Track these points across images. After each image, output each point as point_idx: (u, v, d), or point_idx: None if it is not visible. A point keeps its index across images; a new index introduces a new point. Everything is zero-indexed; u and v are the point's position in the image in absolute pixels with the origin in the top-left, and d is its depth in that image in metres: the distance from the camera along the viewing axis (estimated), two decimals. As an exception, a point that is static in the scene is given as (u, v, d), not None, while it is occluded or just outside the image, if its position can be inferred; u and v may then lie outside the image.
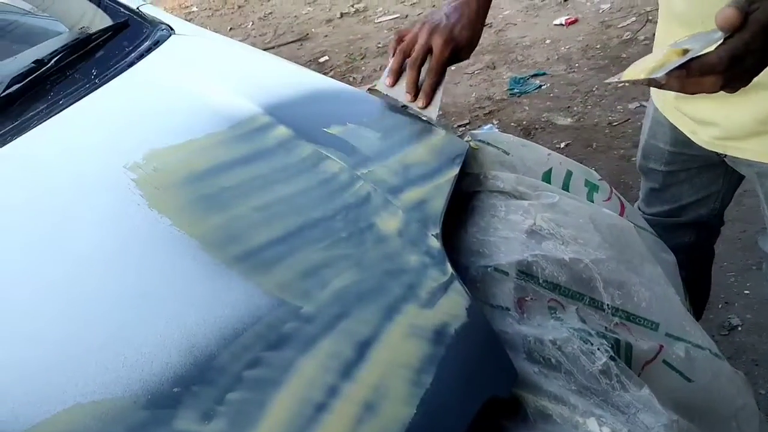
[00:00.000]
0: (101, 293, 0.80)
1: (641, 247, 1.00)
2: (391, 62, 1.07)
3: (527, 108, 3.04)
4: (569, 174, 1.10)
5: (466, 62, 1.13)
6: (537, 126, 2.89)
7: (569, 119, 2.89)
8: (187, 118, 1.08)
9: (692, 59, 0.66)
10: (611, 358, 0.82)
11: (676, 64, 0.66)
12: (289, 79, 1.16)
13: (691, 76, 0.67)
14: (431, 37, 1.03)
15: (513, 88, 3.19)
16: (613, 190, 1.13)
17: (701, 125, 1.05)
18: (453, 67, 1.09)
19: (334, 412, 0.67)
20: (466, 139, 1.04)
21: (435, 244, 0.84)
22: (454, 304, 0.78)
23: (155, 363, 0.71)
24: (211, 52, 1.30)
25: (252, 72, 1.21)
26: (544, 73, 3.25)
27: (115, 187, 0.95)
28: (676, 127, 1.13)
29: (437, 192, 0.91)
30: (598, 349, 0.83)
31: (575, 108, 2.95)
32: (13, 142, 1.08)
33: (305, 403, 0.67)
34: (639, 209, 1.34)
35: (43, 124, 1.12)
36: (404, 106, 1.10)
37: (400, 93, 1.07)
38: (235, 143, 1.02)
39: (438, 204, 0.89)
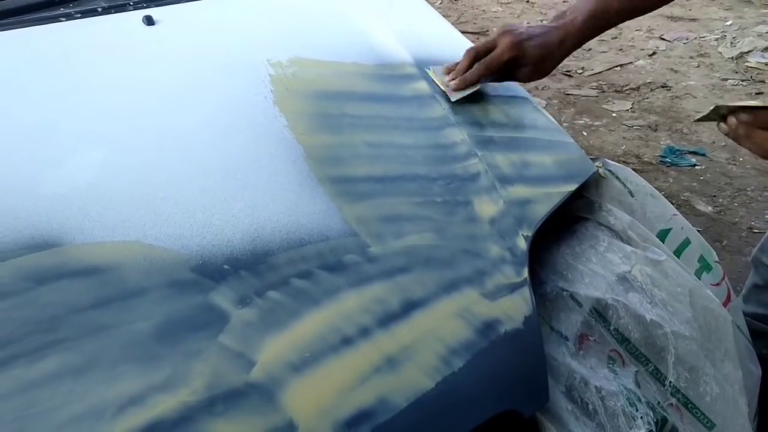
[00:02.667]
0: (201, 158, 0.83)
1: (730, 344, 0.92)
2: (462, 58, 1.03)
3: (671, 181, 2.88)
4: (687, 242, 1.02)
5: (628, 114, 1.04)
6: (673, 201, 2.73)
7: (710, 208, 2.71)
8: (340, 42, 1.10)
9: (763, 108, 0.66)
10: None
11: (749, 104, 0.67)
12: (451, 44, 1.14)
13: (756, 123, 0.67)
14: (502, 35, 0.99)
15: (666, 157, 3.03)
16: (726, 278, 1.05)
17: None
18: (614, 114, 1.03)
19: (357, 350, 0.65)
20: (597, 164, 0.99)
21: (522, 244, 0.81)
22: (515, 308, 0.74)
23: (218, 236, 0.73)
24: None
25: (419, 25, 1.20)
26: (703, 154, 3.06)
27: (251, 75, 0.98)
28: None
29: (545, 199, 0.87)
30: (642, 417, 0.78)
31: (720, 200, 2.76)
32: (183, 4, 1.14)
33: (334, 331, 0.66)
34: None
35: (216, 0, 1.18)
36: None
37: (445, 80, 1.02)
38: (374, 80, 1.02)
39: (541, 209, 0.85)
